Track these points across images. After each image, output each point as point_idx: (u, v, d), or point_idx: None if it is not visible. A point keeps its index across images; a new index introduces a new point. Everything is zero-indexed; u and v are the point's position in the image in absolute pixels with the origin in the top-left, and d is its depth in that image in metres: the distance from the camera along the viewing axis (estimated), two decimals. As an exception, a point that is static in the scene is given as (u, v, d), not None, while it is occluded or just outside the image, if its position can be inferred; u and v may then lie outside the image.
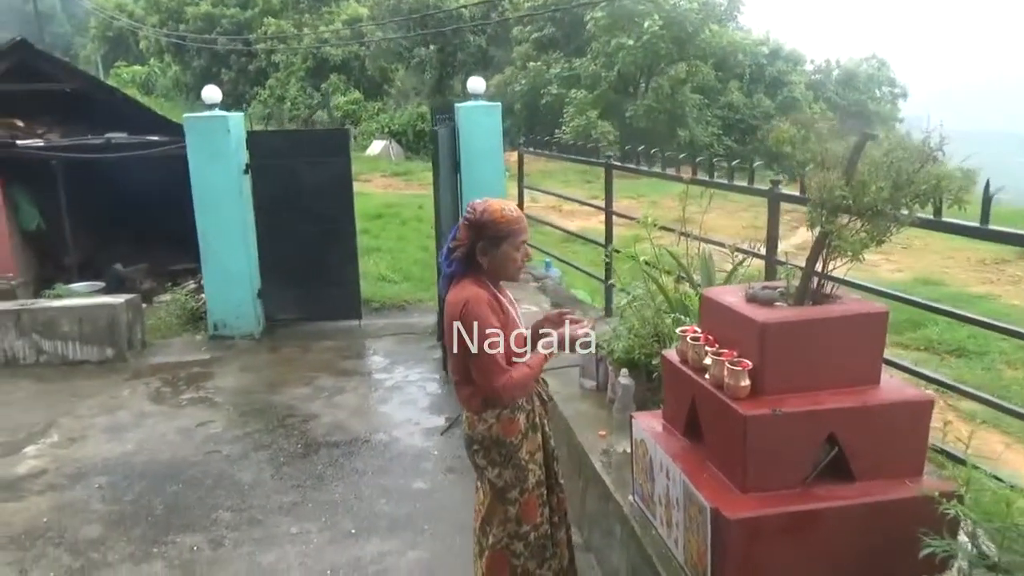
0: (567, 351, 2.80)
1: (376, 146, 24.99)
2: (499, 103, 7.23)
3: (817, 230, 2.50)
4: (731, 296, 2.64)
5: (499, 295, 2.71)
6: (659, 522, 2.81)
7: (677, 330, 2.85)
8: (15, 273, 7.62)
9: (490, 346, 2.56)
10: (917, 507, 2.25)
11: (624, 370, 3.59)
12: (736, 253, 3.85)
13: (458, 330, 2.55)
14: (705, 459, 2.62)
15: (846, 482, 2.42)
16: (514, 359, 2.65)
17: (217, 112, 6.79)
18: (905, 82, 29.35)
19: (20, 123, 10.17)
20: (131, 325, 6.70)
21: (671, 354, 2.86)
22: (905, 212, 2.43)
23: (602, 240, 5.59)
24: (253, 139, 6.98)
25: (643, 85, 23.63)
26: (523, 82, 24.42)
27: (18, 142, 8.93)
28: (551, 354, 2.76)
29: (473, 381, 2.65)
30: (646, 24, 21.19)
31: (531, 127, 22.24)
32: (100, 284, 8.93)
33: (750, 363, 2.41)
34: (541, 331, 2.83)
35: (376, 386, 5.92)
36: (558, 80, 23.79)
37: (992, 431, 5.20)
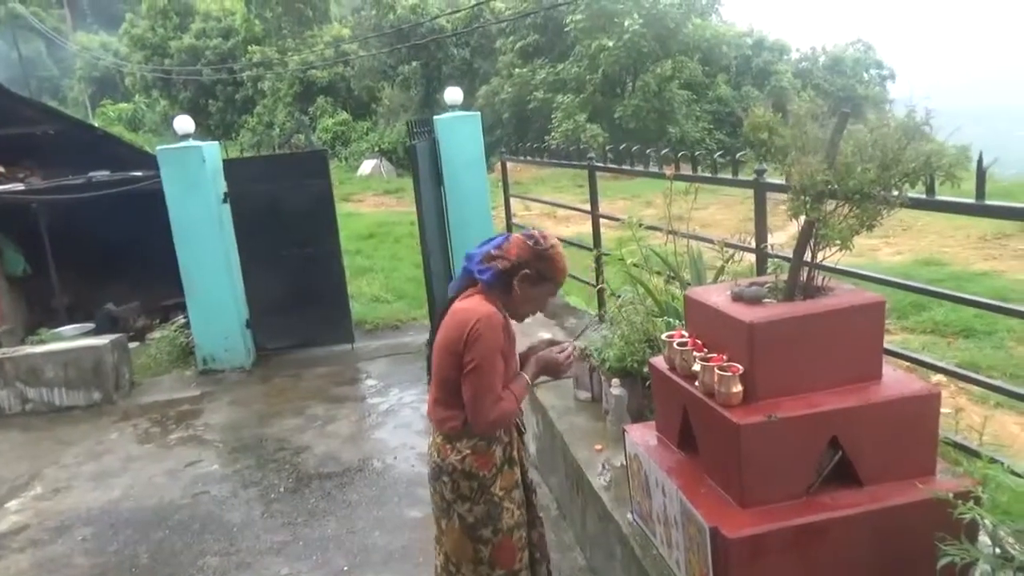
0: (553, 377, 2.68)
1: (367, 165, 24.90)
2: (478, 113, 7.10)
3: (802, 219, 2.34)
4: (716, 296, 2.47)
5: (509, 323, 2.52)
6: (659, 541, 2.63)
7: (663, 336, 2.68)
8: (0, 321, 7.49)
9: (494, 375, 2.37)
10: (931, 510, 2.07)
11: (615, 380, 3.42)
12: (726, 248, 3.68)
13: (462, 344, 2.35)
14: (702, 473, 2.45)
15: (853, 488, 2.25)
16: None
17: (191, 143, 6.66)
18: (893, 64, 29.20)
19: (1, 169, 10.08)
20: (117, 366, 6.54)
21: (659, 361, 2.69)
22: (895, 193, 2.27)
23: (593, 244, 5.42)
24: (230, 167, 6.85)
25: (630, 85, 23.51)
26: (509, 91, 24.32)
27: (-2, 188, 8.81)
28: (534, 380, 2.60)
29: (455, 404, 2.45)
30: (626, 23, 21.09)
31: (521, 135, 22.12)
32: (90, 325, 8.77)
33: (740, 367, 2.24)
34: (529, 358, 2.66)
35: (370, 411, 5.75)
36: (544, 86, 23.68)
37: (1008, 412, 5.00)
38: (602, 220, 5.36)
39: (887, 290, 3.33)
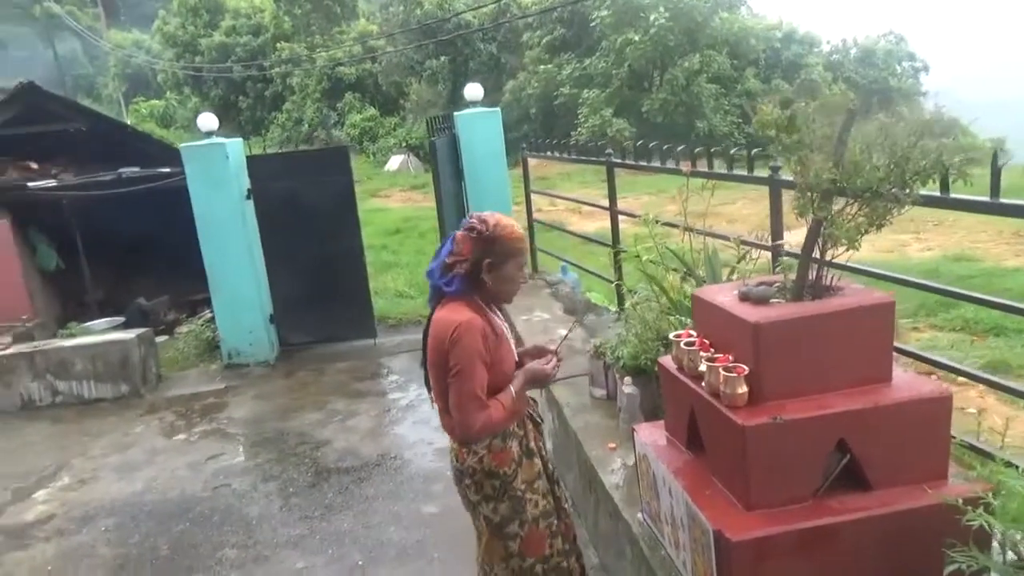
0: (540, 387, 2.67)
1: (395, 161, 25.03)
2: (498, 109, 7.10)
3: (810, 218, 2.31)
4: (723, 295, 2.45)
5: (492, 319, 2.51)
6: (668, 542, 2.62)
7: (671, 335, 2.66)
8: (31, 315, 7.66)
9: (474, 381, 2.34)
10: (941, 515, 2.03)
11: (628, 378, 3.40)
12: (741, 246, 3.64)
13: (445, 352, 2.34)
14: (709, 474, 2.43)
15: (862, 492, 2.22)
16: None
17: (215, 139, 6.75)
18: (925, 56, 28.53)
19: (34, 165, 10.30)
20: (144, 360, 6.67)
21: (667, 361, 2.67)
22: (906, 191, 2.23)
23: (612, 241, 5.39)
24: (253, 163, 6.93)
25: (657, 79, 23.31)
26: (536, 86, 24.25)
27: (29, 183, 9.01)
28: (521, 392, 2.54)
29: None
30: (652, 17, 20.91)
31: (548, 130, 22.02)
32: (119, 319, 8.96)
33: (746, 368, 2.21)
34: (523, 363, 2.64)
35: (390, 406, 5.80)
36: (570, 81, 23.58)
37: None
38: (626, 216, 5.32)
39: (913, 288, 3.27)
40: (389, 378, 6.50)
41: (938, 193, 2.57)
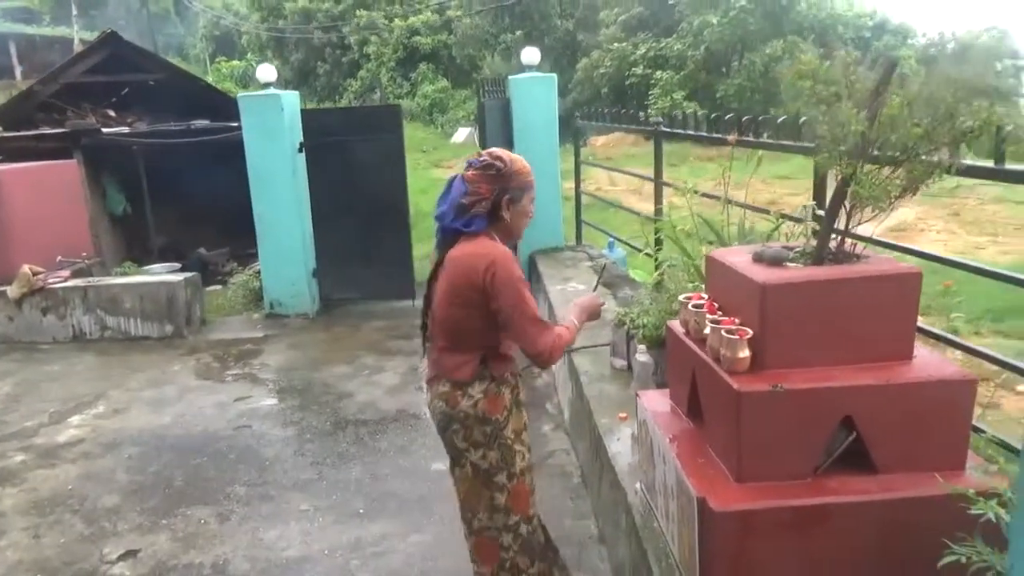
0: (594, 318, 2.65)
1: (461, 133, 25.01)
2: (554, 75, 6.94)
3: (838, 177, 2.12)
4: (737, 256, 2.29)
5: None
6: (660, 514, 2.49)
7: (680, 296, 2.51)
8: (90, 253, 7.92)
9: (531, 305, 2.33)
10: (950, 507, 1.85)
11: (642, 347, 3.27)
12: (780, 219, 3.44)
13: (480, 290, 2.30)
14: (705, 444, 2.29)
15: (866, 475, 2.05)
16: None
17: (271, 91, 6.80)
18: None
19: (112, 113, 10.66)
20: (190, 303, 6.82)
21: (675, 324, 2.53)
22: (944, 155, 2.02)
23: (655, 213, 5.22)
24: (307, 117, 6.96)
25: (736, 63, 22.58)
26: (608, 64, 23.79)
27: (104, 129, 9.31)
28: (581, 319, 2.56)
29: (468, 348, 2.42)
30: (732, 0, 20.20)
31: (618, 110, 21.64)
32: (177, 266, 9.18)
33: (749, 331, 2.06)
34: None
35: (417, 366, 5.77)
36: (644, 61, 23.04)
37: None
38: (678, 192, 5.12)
39: (987, 290, 3.01)
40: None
41: (991, 164, 2.34)
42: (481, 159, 2.43)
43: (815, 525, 1.97)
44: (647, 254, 5.28)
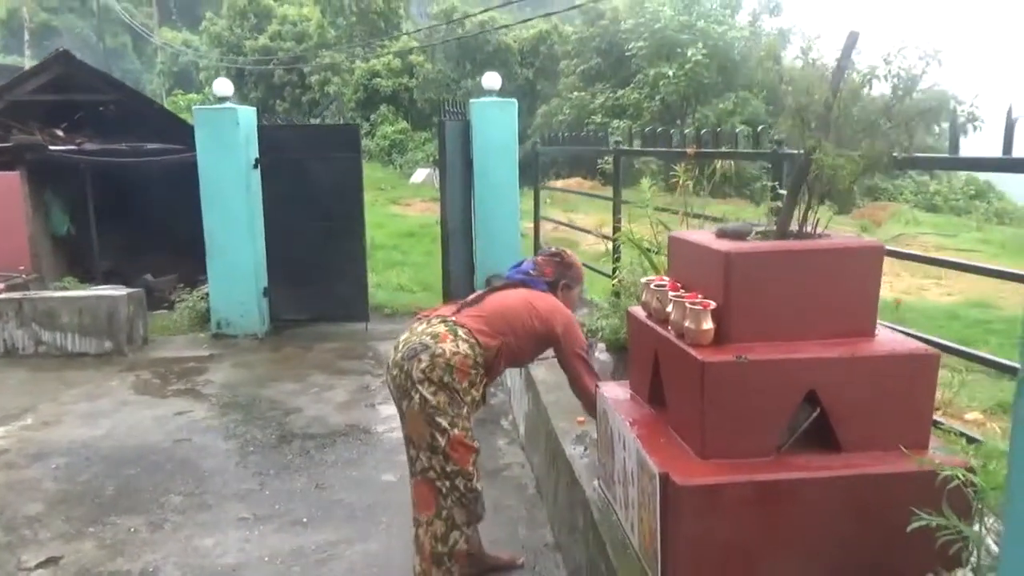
0: None
1: (420, 174, 25.06)
2: (514, 100, 6.98)
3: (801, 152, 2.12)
4: (700, 235, 2.26)
5: None
6: (619, 505, 2.40)
7: (641, 280, 2.47)
8: (28, 268, 7.60)
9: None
10: (916, 483, 1.82)
11: (602, 345, 3.21)
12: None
13: (554, 332, 2.77)
14: (666, 426, 2.22)
15: (831, 453, 2.00)
16: None
17: (228, 104, 6.70)
18: (976, 107, 28.04)
19: (60, 133, 10.37)
20: (132, 320, 6.55)
21: (636, 310, 2.48)
22: (906, 135, 2.05)
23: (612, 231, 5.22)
24: (264, 133, 6.86)
25: (689, 116, 23.22)
26: (568, 112, 24.26)
27: (50, 147, 9.04)
28: None
29: (499, 334, 2.69)
30: (689, 53, 20.85)
31: (575, 156, 21.97)
32: (122, 289, 8.87)
33: (713, 303, 2.02)
34: None
35: (370, 384, 5.61)
36: (602, 110, 23.57)
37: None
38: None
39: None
40: (374, 359, 6.31)
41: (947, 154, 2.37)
42: (549, 249, 3.11)
43: (780, 501, 1.91)
44: (608, 276, 5.29)
